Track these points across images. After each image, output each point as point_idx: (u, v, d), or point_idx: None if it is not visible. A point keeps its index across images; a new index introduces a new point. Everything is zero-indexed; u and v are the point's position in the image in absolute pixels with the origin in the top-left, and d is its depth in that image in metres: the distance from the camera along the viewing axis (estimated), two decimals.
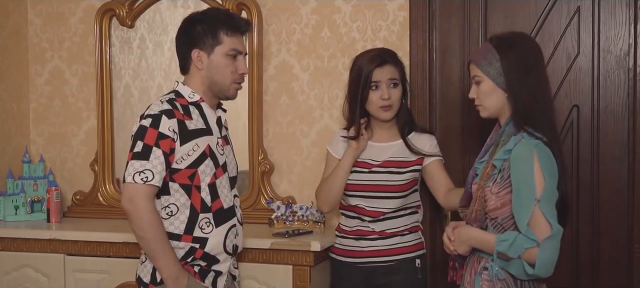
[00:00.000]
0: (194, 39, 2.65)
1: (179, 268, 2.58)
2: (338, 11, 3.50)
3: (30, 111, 4.00)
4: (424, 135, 3.04)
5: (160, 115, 2.55)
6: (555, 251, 2.32)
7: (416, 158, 2.99)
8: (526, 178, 2.33)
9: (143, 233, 2.54)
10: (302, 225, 3.35)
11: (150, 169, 2.52)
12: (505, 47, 2.45)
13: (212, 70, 2.65)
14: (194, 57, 2.66)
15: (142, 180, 2.51)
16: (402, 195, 2.98)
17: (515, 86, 2.42)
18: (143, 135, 2.54)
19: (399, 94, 2.97)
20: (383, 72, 2.94)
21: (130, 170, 2.53)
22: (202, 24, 2.65)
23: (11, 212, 3.63)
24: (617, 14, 3.17)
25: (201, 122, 2.65)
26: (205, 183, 2.63)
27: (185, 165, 2.59)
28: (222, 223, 2.66)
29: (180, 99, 2.64)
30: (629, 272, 3.21)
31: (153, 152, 2.53)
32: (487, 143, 2.60)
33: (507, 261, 2.36)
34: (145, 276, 2.64)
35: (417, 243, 3.05)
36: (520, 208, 2.33)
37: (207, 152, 2.63)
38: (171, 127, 2.55)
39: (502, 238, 2.36)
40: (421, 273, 3.02)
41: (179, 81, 2.73)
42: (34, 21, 3.96)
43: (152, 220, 2.53)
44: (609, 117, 3.20)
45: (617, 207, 3.21)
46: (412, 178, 3.00)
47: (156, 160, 2.53)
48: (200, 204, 2.62)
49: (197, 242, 2.62)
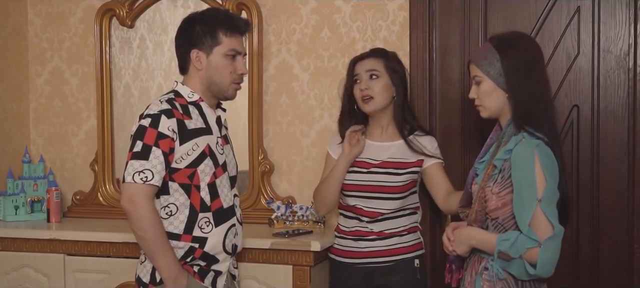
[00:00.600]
0: (193, 39, 2.65)
1: (179, 268, 2.58)
2: (338, 11, 3.50)
3: (30, 111, 4.00)
4: (425, 137, 3.04)
5: (160, 114, 2.55)
6: (556, 251, 2.32)
7: (416, 159, 2.98)
8: (527, 179, 2.33)
9: (143, 233, 2.53)
10: (302, 225, 3.35)
11: (149, 169, 2.52)
12: (506, 47, 2.45)
13: (211, 71, 2.65)
14: (193, 57, 2.66)
15: (142, 180, 2.51)
16: (399, 197, 2.97)
17: (515, 86, 2.42)
18: (142, 134, 2.54)
19: (380, 86, 2.95)
20: (363, 65, 2.98)
21: (130, 170, 2.53)
22: (201, 24, 2.65)
23: (11, 212, 3.64)
24: (617, 14, 3.17)
25: (201, 121, 2.65)
26: (204, 183, 2.62)
27: (185, 164, 2.59)
28: (221, 223, 2.66)
29: (179, 99, 2.64)
30: (629, 272, 3.21)
31: (152, 151, 2.52)
32: (487, 143, 2.60)
33: (508, 261, 2.36)
34: (145, 276, 2.64)
35: (415, 244, 3.04)
36: (522, 208, 2.33)
37: (207, 151, 2.63)
38: (170, 126, 2.55)
39: (503, 238, 2.36)
40: (420, 273, 3.02)
41: (178, 81, 2.72)
42: (34, 21, 3.96)
43: (152, 220, 2.53)
44: (609, 117, 3.19)
45: (617, 207, 3.21)
46: (410, 180, 2.99)
47: (156, 160, 2.53)
48: (199, 204, 2.62)
49: (197, 241, 2.62)
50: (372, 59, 3.00)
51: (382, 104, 2.97)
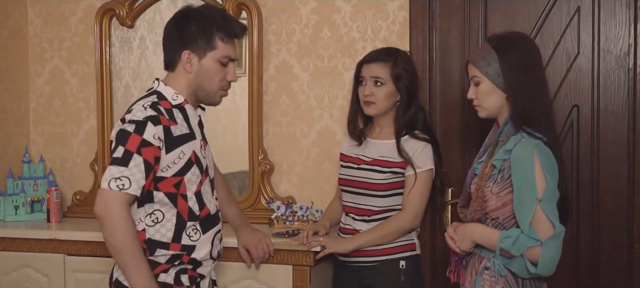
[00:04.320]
0: (186, 38, 2.51)
1: (151, 279, 2.43)
2: (338, 11, 3.50)
3: (30, 111, 4.00)
4: (418, 143, 2.95)
5: (146, 121, 2.41)
6: (557, 250, 2.33)
7: (401, 160, 2.93)
8: (527, 179, 2.33)
9: (114, 241, 2.39)
10: (302, 225, 3.35)
11: (127, 177, 2.38)
12: (504, 48, 2.45)
13: (202, 75, 2.52)
14: (183, 57, 2.52)
15: (118, 187, 2.37)
16: (383, 195, 2.94)
17: (514, 87, 2.42)
18: (125, 140, 2.40)
19: (383, 93, 2.93)
20: (369, 70, 2.95)
21: (107, 175, 2.39)
22: (197, 23, 2.51)
23: (11, 212, 3.63)
24: (617, 14, 3.17)
25: (185, 126, 2.52)
26: (191, 192, 2.51)
27: (171, 173, 2.47)
28: (208, 230, 2.58)
29: (163, 102, 2.50)
30: (629, 272, 3.21)
31: (133, 158, 2.38)
32: (485, 143, 2.60)
33: (509, 258, 2.36)
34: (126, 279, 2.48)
35: (403, 245, 2.96)
36: (522, 208, 2.34)
37: (193, 158, 2.51)
38: (156, 134, 2.41)
39: (505, 235, 2.36)
40: (405, 275, 2.94)
41: (160, 80, 2.58)
42: (34, 21, 3.96)
43: (126, 228, 2.38)
44: (609, 117, 3.20)
45: (617, 207, 3.21)
46: (394, 180, 2.94)
47: (135, 168, 2.39)
48: (187, 213, 2.51)
49: (185, 249, 2.53)
50: (379, 64, 2.95)
51: (383, 109, 2.97)
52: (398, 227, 2.92)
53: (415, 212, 2.92)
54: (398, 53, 3.01)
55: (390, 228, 2.92)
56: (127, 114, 2.48)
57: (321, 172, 3.54)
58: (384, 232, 2.92)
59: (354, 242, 2.94)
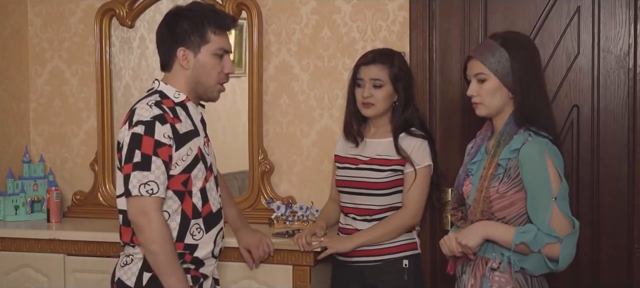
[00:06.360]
0: (179, 36, 2.53)
1: (186, 283, 2.48)
2: (338, 11, 3.50)
3: (30, 111, 4.00)
4: (415, 139, 2.95)
5: (154, 121, 2.43)
6: (574, 247, 2.36)
7: (399, 158, 2.94)
8: (541, 178, 2.33)
9: (155, 247, 2.42)
10: (302, 225, 3.35)
11: (154, 181, 2.41)
12: (515, 47, 2.43)
13: (199, 70, 2.54)
14: (179, 55, 2.53)
15: (148, 192, 2.40)
16: (384, 193, 2.94)
17: (524, 86, 2.41)
18: (139, 143, 2.41)
19: (382, 95, 2.93)
20: (368, 71, 2.94)
21: (135, 182, 2.41)
22: (188, 20, 2.52)
23: (11, 212, 3.63)
24: (617, 14, 3.17)
25: (189, 123, 2.54)
26: (196, 188, 2.53)
27: (179, 170, 2.48)
28: (211, 228, 2.59)
29: (166, 101, 2.52)
30: (629, 272, 3.21)
31: (153, 161, 2.41)
32: (476, 143, 2.59)
33: (525, 254, 2.36)
34: (129, 279, 2.53)
35: (405, 244, 2.97)
36: (538, 208, 2.33)
37: (199, 155, 2.53)
38: (166, 133, 2.44)
39: (522, 230, 2.35)
40: (408, 274, 2.95)
41: (159, 80, 2.60)
42: (34, 21, 3.96)
43: (165, 234, 2.42)
44: (609, 117, 3.20)
45: (617, 207, 3.21)
46: (394, 177, 2.95)
47: (158, 171, 2.42)
48: (191, 210, 2.52)
49: (188, 249, 2.54)
50: (378, 66, 2.94)
51: (381, 111, 2.97)
52: (399, 225, 2.92)
53: (415, 208, 2.92)
54: (394, 54, 3.01)
55: (391, 226, 2.92)
56: (131, 116, 2.48)
57: (321, 172, 3.54)
58: (385, 230, 2.92)
59: (355, 240, 2.94)
